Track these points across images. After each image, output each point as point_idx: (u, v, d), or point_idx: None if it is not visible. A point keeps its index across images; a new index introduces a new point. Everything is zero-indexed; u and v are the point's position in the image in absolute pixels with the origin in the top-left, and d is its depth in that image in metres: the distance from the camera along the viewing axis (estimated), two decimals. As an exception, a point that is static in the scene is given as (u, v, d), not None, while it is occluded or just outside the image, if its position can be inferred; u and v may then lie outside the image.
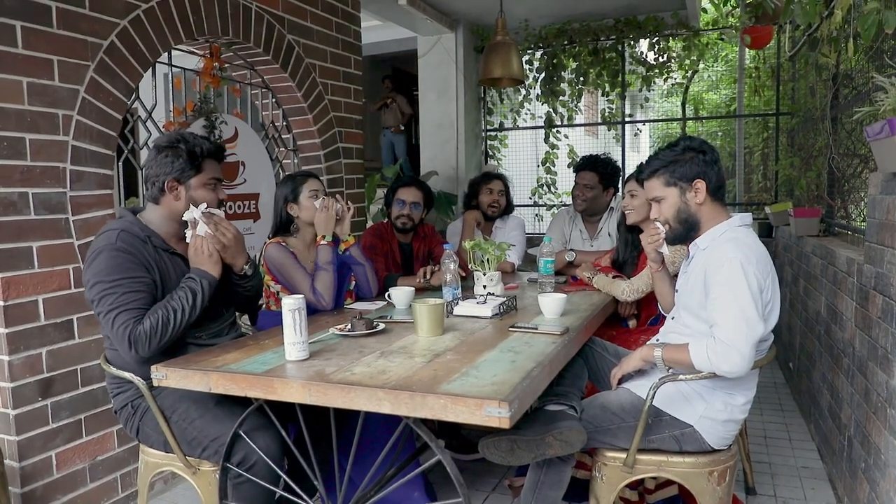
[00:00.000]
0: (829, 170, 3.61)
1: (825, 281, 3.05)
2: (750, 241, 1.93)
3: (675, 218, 2.03)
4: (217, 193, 2.12)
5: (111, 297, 1.87)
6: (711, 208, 2.01)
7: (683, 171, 1.99)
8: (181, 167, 2.02)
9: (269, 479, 1.87)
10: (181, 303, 1.94)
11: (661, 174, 2.03)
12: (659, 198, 2.05)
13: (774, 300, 1.93)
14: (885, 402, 2.00)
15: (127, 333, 1.85)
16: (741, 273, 1.82)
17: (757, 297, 1.82)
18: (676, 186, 2.01)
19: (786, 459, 3.02)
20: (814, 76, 4.11)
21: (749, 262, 1.84)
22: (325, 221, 2.54)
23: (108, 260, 1.89)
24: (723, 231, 1.98)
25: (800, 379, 3.71)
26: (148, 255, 1.97)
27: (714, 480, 1.95)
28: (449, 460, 1.60)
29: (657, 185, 2.04)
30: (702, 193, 1.99)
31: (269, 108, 3.68)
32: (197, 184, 2.06)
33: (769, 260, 1.94)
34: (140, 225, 2.02)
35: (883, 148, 1.95)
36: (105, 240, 1.93)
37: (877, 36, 2.08)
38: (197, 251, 2.03)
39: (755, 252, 1.89)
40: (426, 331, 2.06)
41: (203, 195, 2.07)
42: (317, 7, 3.74)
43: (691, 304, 2.01)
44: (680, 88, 6.36)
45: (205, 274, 2.01)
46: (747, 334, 1.79)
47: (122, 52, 2.59)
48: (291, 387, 1.63)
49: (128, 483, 2.66)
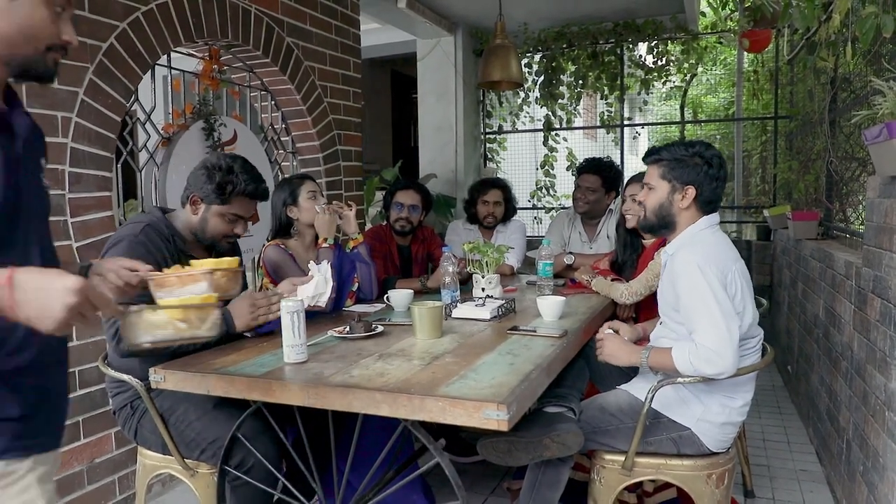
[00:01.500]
0: (828, 173, 3.61)
1: (823, 284, 3.05)
2: (709, 240, 1.96)
3: (654, 210, 2.05)
4: (233, 227, 2.12)
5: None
6: (692, 216, 2.02)
7: (682, 173, 2.00)
8: (208, 191, 2.05)
9: (267, 481, 1.87)
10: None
11: (662, 165, 2.03)
12: (650, 185, 2.06)
13: (745, 293, 1.94)
14: (884, 405, 2.00)
15: (118, 324, 1.84)
16: (700, 275, 1.85)
17: (722, 295, 1.84)
18: (670, 183, 2.02)
19: (784, 462, 3.02)
20: (812, 80, 4.12)
21: (707, 261, 1.86)
22: (327, 224, 2.54)
23: (127, 248, 1.90)
24: (687, 236, 2.00)
25: (798, 382, 3.72)
26: (167, 255, 1.98)
27: (712, 483, 1.95)
28: (447, 463, 1.59)
29: (654, 173, 2.05)
30: (688, 200, 2.00)
31: (269, 111, 3.69)
32: (216, 212, 2.08)
33: (732, 254, 1.97)
34: (166, 223, 2.04)
35: (881, 151, 1.95)
36: (130, 230, 1.95)
37: (875, 40, 2.08)
38: (250, 304, 1.97)
39: (713, 248, 1.92)
40: (425, 333, 2.06)
41: (216, 224, 2.08)
42: (316, 10, 3.74)
43: (668, 310, 2.05)
44: (679, 92, 6.37)
45: (231, 321, 1.96)
46: (724, 336, 1.81)
47: (122, 55, 2.59)
48: (290, 389, 1.62)
49: (126, 485, 2.66)
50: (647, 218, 2.08)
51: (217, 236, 2.11)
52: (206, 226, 2.08)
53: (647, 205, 2.07)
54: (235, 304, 1.99)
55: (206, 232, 2.09)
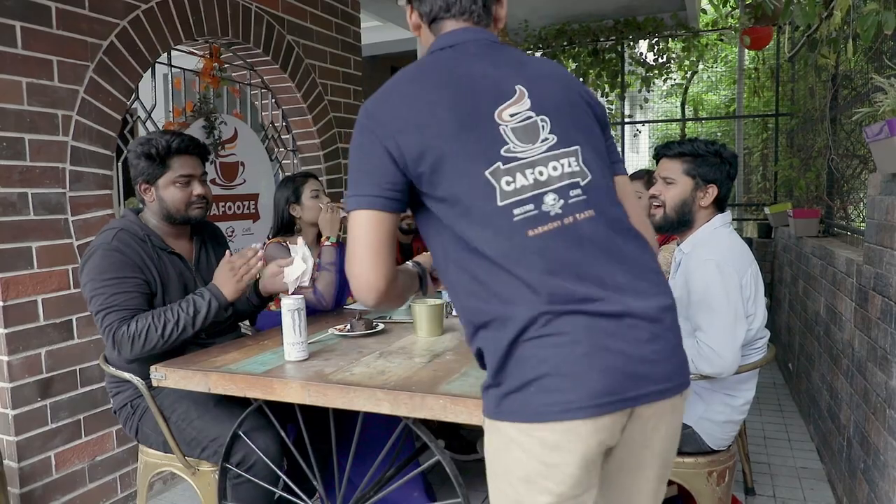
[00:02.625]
0: (829, 170, 3.61)
1: (824, 282, 3.05)
2: (727, 240, 1.94)
3: (675, 207, 2.00)
4: (190, 190, 2.03)
5: (101, 296, 1.87)
6: (708, 214, 2.01)
7: (706, 171, 1.97)
8: (145, 168, 2.00)
9: (268, 479, 1.87)
10: (178, 314, 1.90)
11: (685, 161, 1.99)
12: (671, 180, 2.01)
13: (758, 295, 1.93)
14: (885, 402, 2.00)
15: (111, 333, 1.85)
16: (717, 273, 1.83)
17: (735, 297, 1.83)
18: (693, 179, 1.98)
19: (785, 460, 3.02)
20: (813, 77, 4.12)
21: (725, 261, 1.85)
22: (330, 222, 2.54)
23: (101, 259, 1.89)
24: (703, 234, 1.99)
25: (799, 379, 3.72)
26: (146, 255, 1.96)
27: (713, 481, 1.96)
28: (448, 461, 1.60)
29: (676, 167, 2.00)
30: (709, 198, 1.98)
31: (269, 109, 3.68)
32: (165, 183, 2.01)
33: (748, 256, 1.95)
34: (140, 224, 2.01)
35: (882, 149, 1.95)
36: (102, 239, 1.94)
37: (876, 37, 2.08)
38: (230, 269, 1.98)
39: (732, 250, 1.91)
40: (426, 331, 2.06)
41: (172, 194, 2.01)
42: (317, 8, 3.74)
43: (681, 308, 2.01)
44: (679, 89, 6.37)
45: (218, 293, 1.96)
46: (728, 338, 1.80)
47: (122, 53, 2.59)
48: (291, 387, 1.63)
49: (127, 483, 2.66)
50: (666, 215, 2.02)
51: (181, 206, 2.02)
52: (165, 203, 2.01)
53: (667, 200, 2.01)
54: (217, 276, 1.99)
55: (171, 208, 2.02)
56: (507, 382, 1.07)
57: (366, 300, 1.17)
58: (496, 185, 1.09)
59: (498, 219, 1.08)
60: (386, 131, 1.12)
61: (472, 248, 1.09)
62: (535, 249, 1.06)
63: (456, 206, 1.10)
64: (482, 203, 1.09)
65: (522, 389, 1.05)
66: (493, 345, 1.08)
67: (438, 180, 1.10)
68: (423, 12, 1.25)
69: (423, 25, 1.28)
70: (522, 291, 1.05)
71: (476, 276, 1.09)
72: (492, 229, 1.08)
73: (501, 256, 1.07)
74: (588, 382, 1.03)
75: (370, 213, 1.12)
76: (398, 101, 1.15)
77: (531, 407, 1.04)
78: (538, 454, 1.05)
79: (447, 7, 1.22)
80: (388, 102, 1.16)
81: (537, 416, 1.04)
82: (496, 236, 1.08)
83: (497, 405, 1.08)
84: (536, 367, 1.04)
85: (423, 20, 1.27)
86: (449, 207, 1.11)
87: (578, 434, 1.04)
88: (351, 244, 1.14)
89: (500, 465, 1.11)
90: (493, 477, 1.14)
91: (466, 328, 1.16)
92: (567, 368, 1.03)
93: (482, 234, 1.08)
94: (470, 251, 1.10)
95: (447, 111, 1.11)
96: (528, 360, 1.05)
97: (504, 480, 1.11)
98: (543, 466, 1.05)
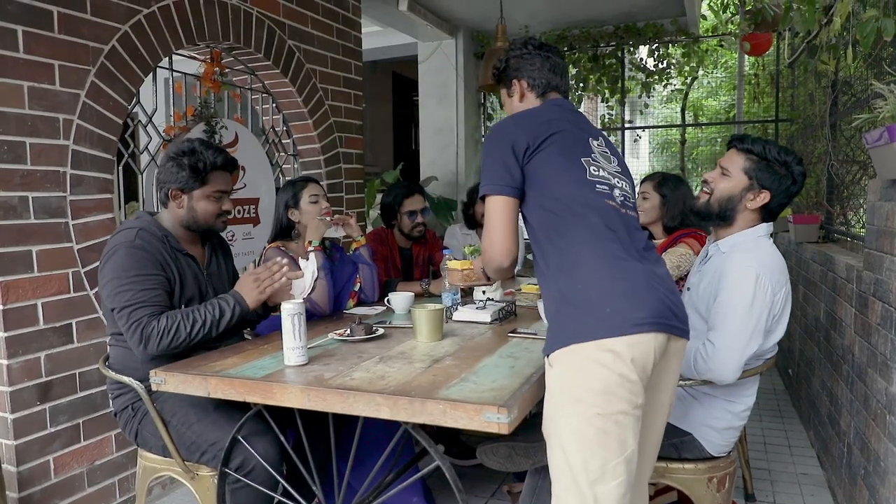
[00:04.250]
0: (829, 176, 3.61)
1: (824, 287, 3.05)
2: (770, 252, 1.91)
3: (721, 200, 1.95)
4: (221, 204, 2.12)
5: (128, 293, 1.89)
6: (752, 219, 1.95)
7: (765, 176, 1.91)
8: (185, 178, 2.04)
9: (267, 484, 1.86)
10: (205, 315, 1.95)
11: (750, 158, 1.93)
12: (728, 172, 1.96)
13: (784, 313, 1.92)
14: (885, 408, 2.00)
15: (140, 328, 1.87)
16: (753, 282, 1.80)
17: (761, 311, 1.81)
18: (749, 180, 1.93)
19: (785, 466, 3.01)
20: (813, 83, 4.13)
21: (765, 272, 1.82)
22: (316, 227, 2.53)
23: (125, 256, 1.91)
24: (747, 239, 1.94)
25: (799, 385, 3.71)
26: (166, 254, 2.00)
27: (714, 487, 1.95)
28: (448, 466, 1.59)
29: (738, 162, 1.95)
30: (758, 203, 1.92)
31: (270, 113, 3.69)
32: (199, 195, 2.07)
33: (786, 275, 1.92)
34: (157, 225, 2.05)
35: (882, 155, 1.95)
36: (124, 237, 1.96)
37: (875, 43, 2.09)
38: (254, 280, 2.05)
39: (774, 265, 1.87)
40: (425, 336, 2.06)
41: (205, 207, 2.08)
42: (317, 13, 3.75)
43: (701, 305, 1.97)
44: (679, 95, 6.38)
45: (242, 301, 2.02)
46: (738, 348, 1.79)
47: (123, 57, 2.59)
48: (290, 392, 1.62)
49: (126, 488, 2.65)
50: (710, 203, 1.97)
51: (209, 219, 2.10)
52: (195, 214, 2.07)
53: (715, 190, 1.96)
54: (241, 285, 2.06)
55: (198, 219, 2.09)
56: (585, 308, 1.45)
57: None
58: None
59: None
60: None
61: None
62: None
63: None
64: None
65: (598, 312, 1.44)
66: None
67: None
68: (536, 86, 1.79)
69: (530, 95, 1.81)
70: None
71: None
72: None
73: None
74: (649, 305, 1.45)
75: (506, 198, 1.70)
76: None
77: (608, 324, 1.42)
78: (616, 366, 1.40)
79: (557, 87, 1.82)
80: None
81: (613, 331, 1.41)
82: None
83: (576, 330, 1.44)
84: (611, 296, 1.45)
85: (532, 91, 1.80)
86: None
87: (647, 344, 1.42)
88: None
89: (578, 387, 1.43)
90: (567, 403, 1.45)
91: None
92: (635, 295, 1.45)
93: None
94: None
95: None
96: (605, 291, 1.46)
97: (582, 403, 1.42)
98: (618, 377, 1.40)
